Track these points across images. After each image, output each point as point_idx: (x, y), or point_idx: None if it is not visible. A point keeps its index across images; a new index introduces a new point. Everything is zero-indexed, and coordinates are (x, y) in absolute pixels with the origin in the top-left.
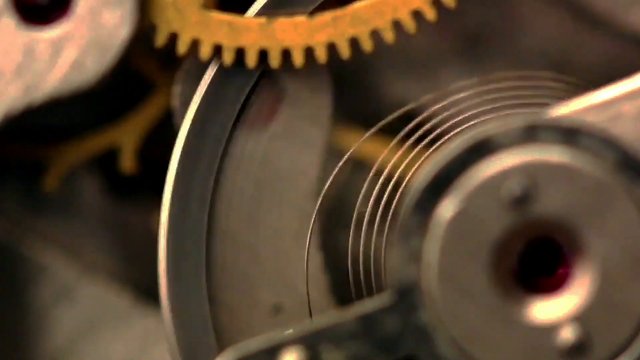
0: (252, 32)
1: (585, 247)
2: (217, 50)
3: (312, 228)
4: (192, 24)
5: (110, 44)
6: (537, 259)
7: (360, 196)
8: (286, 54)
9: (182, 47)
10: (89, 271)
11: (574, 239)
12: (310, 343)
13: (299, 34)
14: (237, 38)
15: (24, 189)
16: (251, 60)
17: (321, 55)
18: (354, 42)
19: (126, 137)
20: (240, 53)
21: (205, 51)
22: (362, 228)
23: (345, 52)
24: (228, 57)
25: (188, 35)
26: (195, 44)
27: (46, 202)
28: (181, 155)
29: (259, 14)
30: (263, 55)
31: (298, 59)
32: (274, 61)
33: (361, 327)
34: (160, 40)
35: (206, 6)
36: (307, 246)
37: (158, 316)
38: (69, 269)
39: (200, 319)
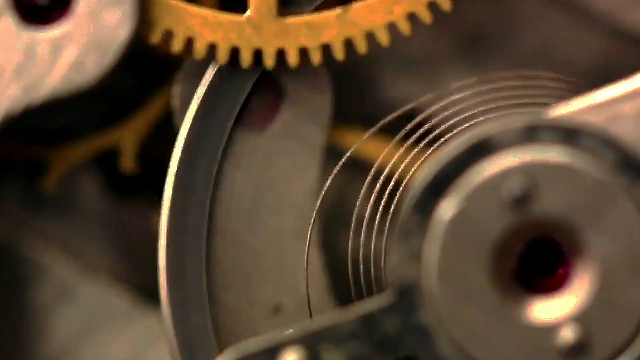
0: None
1: (585, 247)
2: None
3: (312, 228)
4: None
5: (110, 44)
6: (537, 259)
7: (360, 196)
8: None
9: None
10: (89, 271)
11: (573, 239)
12: (310, 343)
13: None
14: (248, 38)
15: (24, 189)
16: (177, 45)
17: (223, 57)
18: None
19: (126, 138)
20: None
21: (223, 54)
22: (362, 228)
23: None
24: (247, 58)
25: (204, 39)
26: (212, 47)
27: (46, 202)
28: (181, 155)
29: None
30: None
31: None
32: (176, 45)
33: (361, 327)
34: (177, 45)
35: (206, 6)
36: (306, 246)
37: (158, 316)
38: (69, 269)
39: (200, 319)
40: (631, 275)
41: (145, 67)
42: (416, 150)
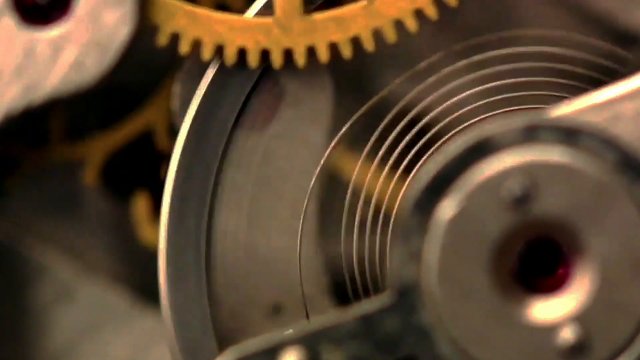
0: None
1: (585, 247)
2: (219, 51)
3: (303, 227)
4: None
5: (110, 44)
6: (537, 259)
7: (361, 196)
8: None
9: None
10: (89, 271)
11: (574, 239)
12: (310, 343)
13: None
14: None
15: (24, 189)
16: (253, 60)
17: (253, 60)
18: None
19: (93, 152)
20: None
21: (230, 54)
22: (361, 228)
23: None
24: (277, 59)
25: (234, 44)
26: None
27: (46, 203)
28: (181, 155)
29: (259, 13)
30: (265, 55)
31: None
32: (206, 53)
33: (361, 327)
34: (207, 53)
35: (206, 6)
36: (298, 245)
37: (158, 316)
38: (69, 269)
39: (200, 319)
40: (631, 275)
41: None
42: (416, 150)
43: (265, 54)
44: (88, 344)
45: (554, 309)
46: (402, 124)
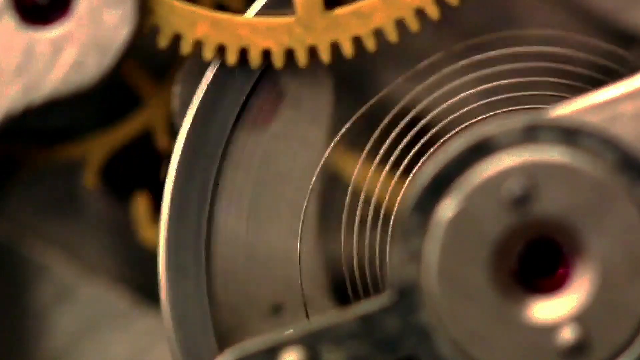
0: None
1: (585, 247)
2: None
3: (303, 227)
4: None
5: (110, 44)
6: (537, 259)
7: (361, 196)
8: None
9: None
10: (89, 271)
11: (574, 239)
12: (310, 343)
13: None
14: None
15: (24, 190)
16: (278, 61)
17: (278, 60)
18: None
19: (92, 153)
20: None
21: (232, 55)
22: (361, 228)
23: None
24: (303, 58)
25: (258, 47)
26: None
27: (46, 203)
28: (181, 155)
29: (259, 14)
30: (266, 55)
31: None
32: (230, 58)
33: (361, 327)
34: (231, 58)
35: (206, 6)
36: (298, 245)
37: (158, 316)
38: (69, 269)
39: (200, 319)
40: (631, 275)
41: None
42: (416, 150)
43: (266, 54)
44: (88, 344)
45: (554, 309)
46: (402, 123)
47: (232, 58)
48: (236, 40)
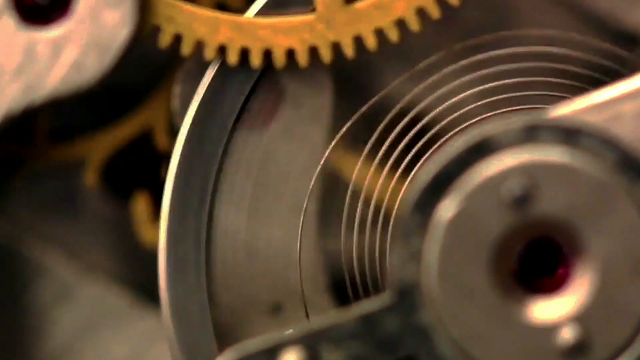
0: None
1: (585, 247)
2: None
3: (303, 227)
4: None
5: (110, 44)
6: (537, 259)
7: (361, 196)
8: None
9: (232, 58)
10: (89, 271)
11: (574, 239)
12: (310, 343)
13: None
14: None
15: (24, 190)
16: (303, 59)
17: (302, 58)
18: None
19: (93, 152)
20: (243, 53)
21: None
22: (361, 228)
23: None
24: (326, 55)
25: (281, 47)
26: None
27: (46, 202)
28: (181, 155)
29: (259, 14)
30: (266, 55)
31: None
32: (254, 60)
33: (361, 327)
34: (256, 60)
35: (206, 6)
36: (298, 244)
37: (158, 316)
38: (69, 269)
39: (200, 319)
40: (631, 275)
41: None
42: (416, 150)
43: (267, 54)
44: (88, 344)
45: (554, 309)
46: (402, 124)
47: (256, 60)
48: (259, 42)
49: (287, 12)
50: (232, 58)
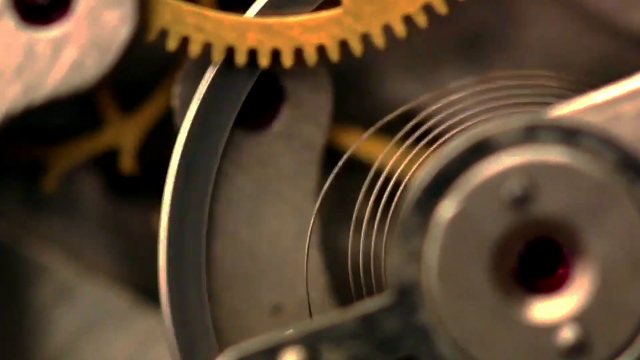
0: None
1: (585, 247)
2: (252, 54)
3: (311, 228)
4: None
5: (110, 44)
6: (537, 259)
7: (360, 196)
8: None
9: (263, 61)
10: (89, 271)
11: (574, 239)
12: (310, 343)
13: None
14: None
15: (24, 189)
16: (334, 54)
17: (334, 53)
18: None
19: (126, 138)
20: (252, 53)
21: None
22: (362, 228)
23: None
24: (357, 47)
25: (312, 44)
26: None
27: (46, 202)
28: (181, 155)
29: (260, 13)
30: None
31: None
32: (286, 61)
33: (361, 327)
34: (287, 61)
35: (207, 7)
36: (306, 246)
37: (158, 316)
38: (69, 269)
39: (200, 319)
40: (631, 275)
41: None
42: (416, 150)
43: (276, 54)
44: (88, 344)
45: (554, 309)
46: (400, 124)
47: (287, 61)
48: (289, 41)
49: (287, 11)
50: (263, 61)
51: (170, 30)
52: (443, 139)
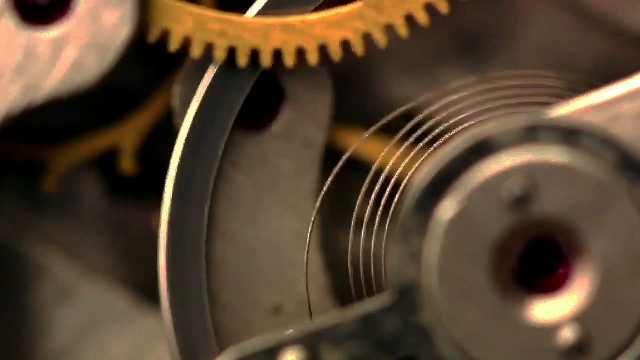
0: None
1: (585, 247)
2: (277, 55)
3: (311, 228)
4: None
5: (110, 44)
6: (537, 259)
7: (360, 196)
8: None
9: (289, 61)
10: (89, 271)
11: (574, 239)
12: (310, 343)
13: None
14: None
15: (24, 189)
16: (358, 48)
17: (358, 47)
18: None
19: (126, 138)
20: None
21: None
22: (362, 228)
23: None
24: (381, 39)
25: (336, 40)
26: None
27: (46, 202)
28: (181, 155)
29: (260, 13)
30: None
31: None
32: (312, 59)
33: (361, 327)
34: (313, 59)
35: (207, 7)
36: (306, 246)
37: (158, 316)
38: (69, 269)
39: (200, 319)
40: (631, 275)
41: (147, 64)
42: (416, 150)
43: (278, 54)
44: (88, 344)
45: (554, 309)
46: (406, 125)
47: (313, 58)
48: (313, 39)
49: (287, 11)
50: (289, 60)
51: (194, 38)
52: (443, 139)
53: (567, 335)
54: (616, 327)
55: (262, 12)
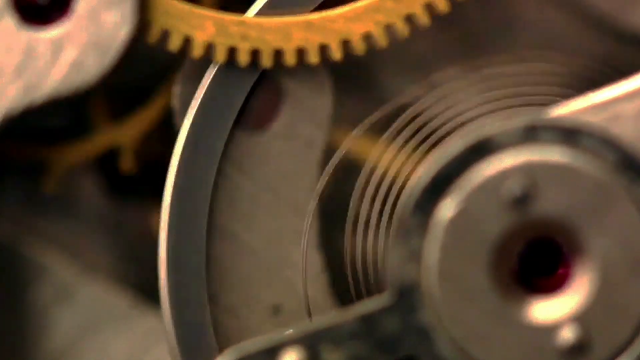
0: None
1: (585, 247)
2: (300, 54)
3: (308, 228)
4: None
5: (110, 44)
6: (537, 259)
7: (360, 196)
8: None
9: (313, 58)
10: (89, 271)
11: (574, 239)
12: (310, 343)
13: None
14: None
15: (24, 189)
16: (381, 40)
17: (381, 39)
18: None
19: (126, 138)
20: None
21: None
22: (361, 228)
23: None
24: (402, 29)
25: (357, 33)
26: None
27: (46, 202)
28: (181, 155)
29: (260, 13)
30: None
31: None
32: (336, 54)
33: (361, 327)
34: (337, 54)
35: (207, 6)
36: (303, 246)
37: (158, 316)
38: (69, 269)
39: (200, 319)
40: (631, 275)
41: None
42: (416, 150)
43: (278, 53)
44: (88, 344)
45: (554, 309)
46: (402, 121)
47: (338, 54)
48: (335, 35)
49: (287, 11)
50: (313, 58)
51: (216, 42)
52: (443, 138)
53: (567, 335)
54: (616, 327)
55: (262, 12)
